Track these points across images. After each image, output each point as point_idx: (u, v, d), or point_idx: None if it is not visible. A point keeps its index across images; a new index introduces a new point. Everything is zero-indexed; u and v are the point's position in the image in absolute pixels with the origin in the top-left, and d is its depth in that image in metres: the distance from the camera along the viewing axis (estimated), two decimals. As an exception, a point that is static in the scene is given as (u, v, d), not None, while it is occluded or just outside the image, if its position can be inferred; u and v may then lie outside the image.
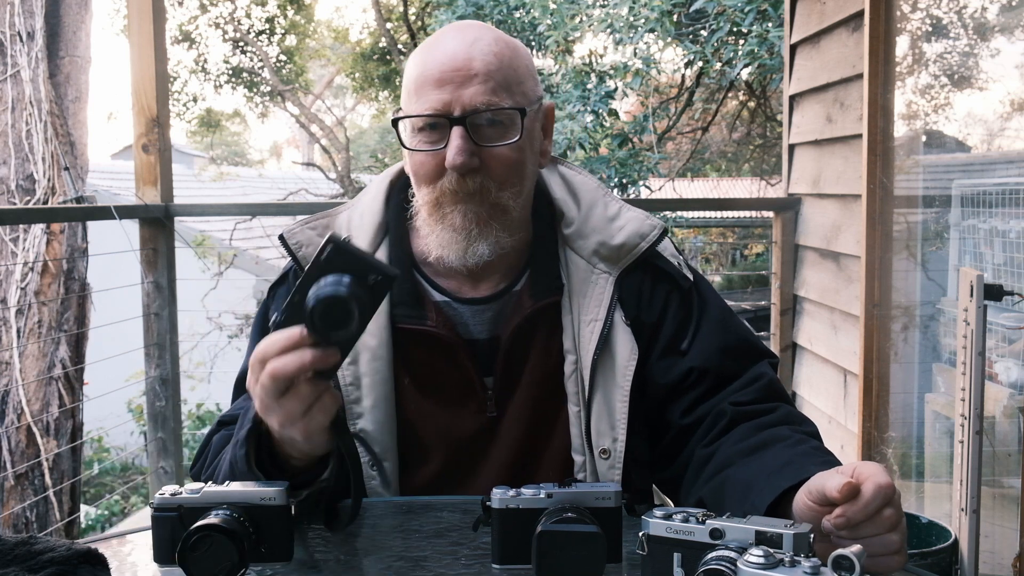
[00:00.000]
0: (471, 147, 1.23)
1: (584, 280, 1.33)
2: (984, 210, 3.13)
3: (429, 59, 1.25)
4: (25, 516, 3.70)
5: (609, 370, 1.30)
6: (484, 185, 1.25)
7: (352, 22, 29.81)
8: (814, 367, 3.48)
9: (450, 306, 1.33)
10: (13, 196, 3.76)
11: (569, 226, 1.35)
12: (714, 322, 1.34)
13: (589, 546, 0.97)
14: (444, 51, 1.25)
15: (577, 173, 1.41)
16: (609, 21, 6.48)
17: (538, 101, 1.31)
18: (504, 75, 1.24)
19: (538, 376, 1.32)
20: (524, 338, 1.32)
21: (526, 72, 1.29)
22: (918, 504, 3.05)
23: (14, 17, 3.76)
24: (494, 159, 1.25)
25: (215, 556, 0.98)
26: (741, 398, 1.28)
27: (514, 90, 1.25)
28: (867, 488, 0.95)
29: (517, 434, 1.32)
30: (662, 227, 1.34)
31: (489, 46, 1.25)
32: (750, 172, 13.14)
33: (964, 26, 3.52)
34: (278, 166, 28.37)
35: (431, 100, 1.23)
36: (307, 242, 1.33)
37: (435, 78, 1.23)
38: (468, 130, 1.23)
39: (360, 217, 1.38)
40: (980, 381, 2.11)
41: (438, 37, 1.29)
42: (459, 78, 1.22)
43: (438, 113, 1.23)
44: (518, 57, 1.28)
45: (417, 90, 1.25)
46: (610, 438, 1.29)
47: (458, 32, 1.28)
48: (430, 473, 1.33)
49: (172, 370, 3.60)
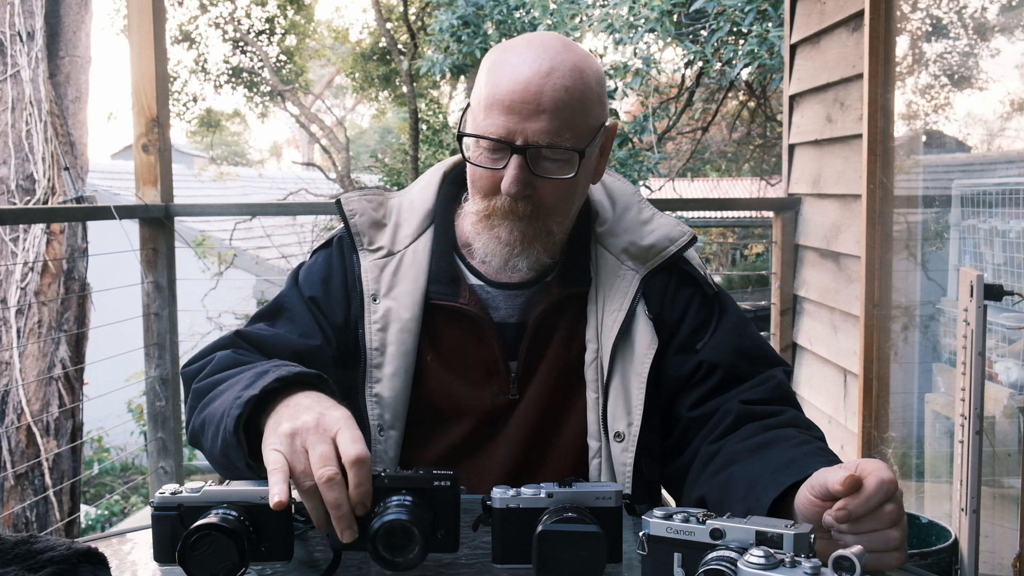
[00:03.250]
0: (528, 177, 1.27)
1: (612, 274, 1.38)
2: (984, 210, 3.13)
3: (504, 80, 1.26)
4: (25, 516, 3.70)
5: (628, 357, 1.34)
6: (535, 211, 1.30)
7: (352, 22, 29.86)
8: (814, 367, 3.48)
9: (484, 289, 1.39)
10: (13, 196, 3.76)
11: (603, 225, 1.40)
12: (731, 326, 1.38)
13: (589, 546, 0.97)
14: (520, 77, 1.25)
15: (616, 179, 1.47)
16: (609, 21, 6.48)
17: (601, 126, 1.32)
18: (572, 112, 1.25)
19: (559, 363, 1.37)
20: (549, 324, 1.37)
21: (594, 102, 1.29)
22: (918, 504, 3.05)
23: (14, 17, 3.76)
24: (548, 190, 1.29)
25: (215, 555, 0.98)
26: (750, 396, 1.30)
27: (579, 127, 1.27)
28: (869, 482, 0.96)
29: (534, 417, 1.36)
30: (692, 234, 1.39)
31: (562, 80, 1.25)
32: (750, 172, 13.14)
33: (964, 26, 3.52)
34: (278, 166, 28.38)
35: (498, 124, 1.25)
36: (361, 211, 1.40)
37: (505, 103, 1.24)
38: (527, 161, 1.26)
39: (411, 203, 1.44)
40: (980, 381, 2.11)
41: (518, 54, 1.28)
42: (528, 111, 1.24)
43: (502, 140, 1.25)
44: (589, 89, 1.28)
45: (487, 108, 1.27)
46: (625, 422, 1.32)
47: (535, 56, 1.26)
48: (445, 446, 1.37)
49: (172, 370, 3.59)
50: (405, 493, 1.01)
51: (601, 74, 1.34)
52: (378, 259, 1.39)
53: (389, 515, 0.98)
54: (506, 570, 1.04)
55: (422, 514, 1.00)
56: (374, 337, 1.36)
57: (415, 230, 1.41)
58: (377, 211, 1.42)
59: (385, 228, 1.42)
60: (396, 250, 1.40)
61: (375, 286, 1.38)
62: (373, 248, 1.40)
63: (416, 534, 0.97)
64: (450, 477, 1.03)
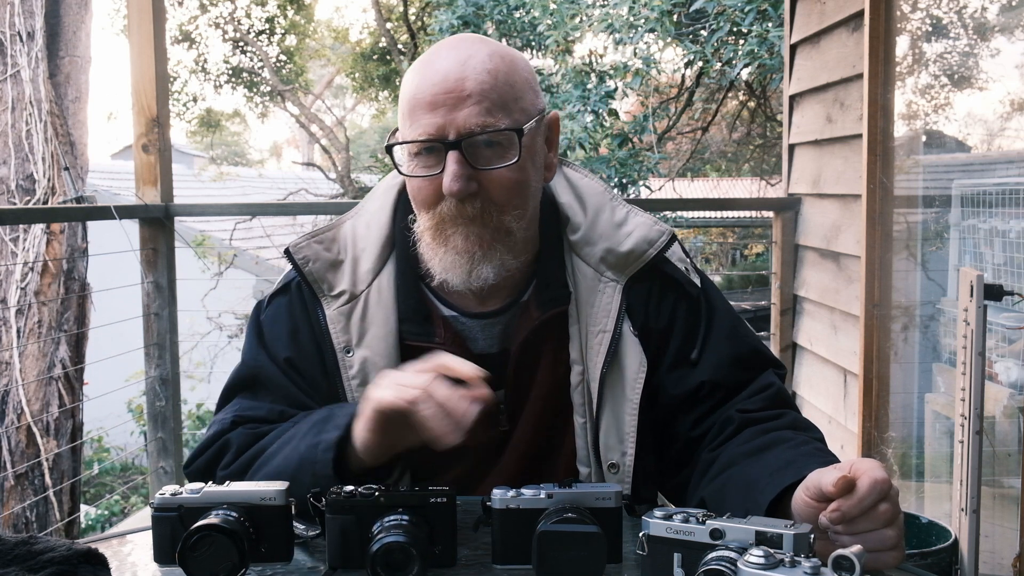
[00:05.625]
0: (468, 171, 1.19)
1: (591, 289, 1.30)
2: (984, 210, 3.13)
3: (422, 81, 1.20)
4: (25, 516, 3.70)
5: (618, 383, 1.29)
6: (485, 209, 1.21)
7: (352, 22, 29.83)
8: (814, 367, 3.48)
9: (458, 320, 1.32)
10: (13, 196, 3.76)
11: (576, 232, 1.32)
12: (724, 331, 1.33)
13: (589, 546, 0.97)
14: (436, 71, 1.19)
15: (583, 176, 1.39)
16: (609, 21, 6.48)
17: (539, 114, 1.25)
18: (500, 93, 1.19)
19: (547, 388, 1.31)
20: (533, 350, 1.31)
21: (524, 86, 1.23)
22: (918, 504, 3.05)
23: (14, 17, 3.76)
24: (493, 182, 1.20)
25: (215, 556, 0.98)
26: (748, 406, 1.28)
27: (511, 108, 1.20)
28: (862, 483, 0.95)
29: (526, 446, 1.32)
30: (670, 233, 1.32)
31: (483, 63, 1.19)
32: (750, 172, 13.13)
33: (964, 26, 3.52)
34: (278, 166, 28.36)
35: (424, 124, 1.18)
36: (314, 257, 1.31)
37: (427, 101, 1.18)
38: (464, 154, 1.18)
39: (366, 228, 1.35)
40: (980, 381, 2.11)
41: (431, 56, 1.24)
42: (452, 100, 1.17)
43: (432, 138, 1.18)
44: (515, 71, 1.22)
45: (410, 113, 1.21)
46: (619, 452, 1.28)
47: (451, 50, 1.22)
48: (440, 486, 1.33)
49: (172, 370, 3.59)
50: (402, 512, 1.01)
51: (528, 64, 1.27)
52: (341, 307, 1.30)
53: (387, 537, 0.98)
54: (506, 570, 1.04)
55: (419, 532, 1.00)
56: (355, 393, 1.28)
57: (375, 264, 1.31)
58: (330, 250, 1.32)
59: (342, 267, 1.32)
60: (359, 291, 1.30)
61: (344, 337, 1.29)
62: (335, 294, 1.31)
63: (414, 554, 0.97)
64: (446, 493, 1.04)
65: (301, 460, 1.15)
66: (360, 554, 1.00)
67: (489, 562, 1.06)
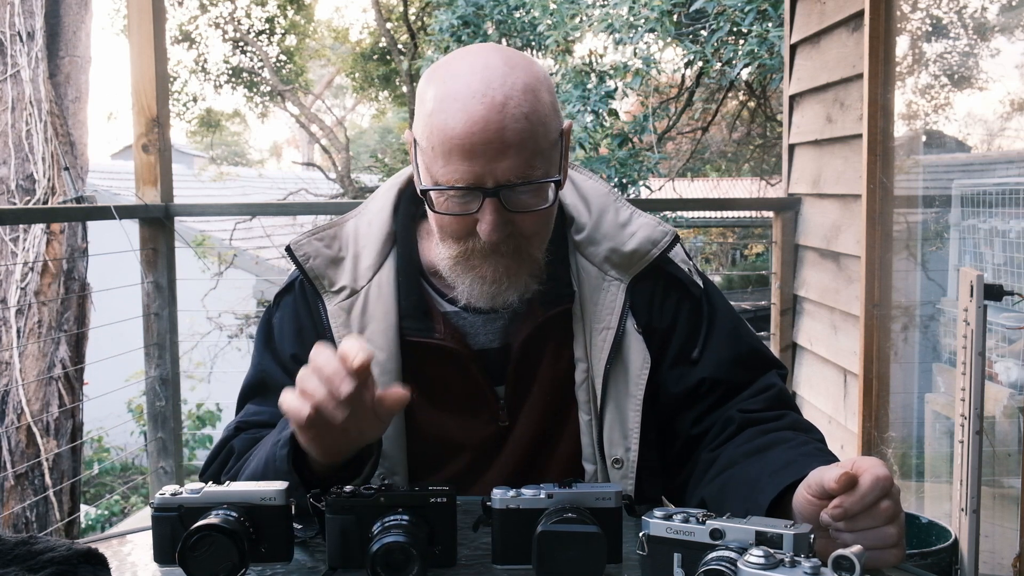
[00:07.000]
0: (505, 217, 1.19)
1: (595, 288, 1.31)
2: (984, 210, 3.13)
3: (456, 122, 1.15)
4: (25, 516, 3.70)
5: (621, 379, 1.29)
6: (518, 246, 1.22)
7: (352, 22, 29.86)
8: (814, 367, 3.48)
9: (459, 316, 1.31)
10: (13, 196, 3.76)
11: (580, 232, 1.33)
12: (725, 331, 1.34)
13: (589, 546, 0.97)
14: (472, 116, 1.14)
15: (587, 178, 1.40)
16: (609, 21, 6.48)
17: (559, 132, 1.23)
18: (536, 140, 1.17)
19: (549, 385, 1.32)
20: (535, 347, 1.31)
21: (552, 115, 1.21)
22: (918, 504, 3.05)
23: (14, 17, 3.76)
24: (527, 221, 1.21)
25: (215, 556, 0.98)
26: (749, 406, 1.29)
27: (547, 153, 1.19)
28: (865, 479, 0.95)
29: (527, 443, 1.32)
30: (674, 234, 1.33)
31: (519, 107, 1.15)
32: (750, 172, 13.13)
33: (964, 26, 3.52)
34: (278, 166, 28.36)
35: (462, 171, 1.16)
36: (314, 254, 1.32)
37: (466, 148, 1.14)
38: (502, 201, 1.18)
39: (368, 226, 1.35)
40: (980, 381, 2.11)
41: (460, 84, 1.17)
42: (491, 152, 1.15)
43: (471, 186, 1.17)
44: (543, 106, 1.19)
45: (444, 155, 1.16)
46: (623, 448, 1.29)
47: (483, 86, 1.15)
48: (439, 482, 1.32)
49: (172, 370, 3.60)
50: (402, 512, 1.01)
51: (549, 80, 1.24)
52: (342, 301, 1.31)
53: (387, 537, 0.98)
54: (506, 570, 1.04)
55: (419, 532, 1.00)
56: None
57: (376, 259, 1.32)
58: (331, 247, 1.33)
59: (343, 263, 1.33)
60: (359, 286, 1.31)
61: (345, 332, 1.29)
62: (335, 289, 1.32)
63: (414, 555, 0.97)
64: (446, 493, 1.04)
65: (267, 459, 1.17)
66: (360, 554, 1.00)
67: (489, 562, 1.06)
